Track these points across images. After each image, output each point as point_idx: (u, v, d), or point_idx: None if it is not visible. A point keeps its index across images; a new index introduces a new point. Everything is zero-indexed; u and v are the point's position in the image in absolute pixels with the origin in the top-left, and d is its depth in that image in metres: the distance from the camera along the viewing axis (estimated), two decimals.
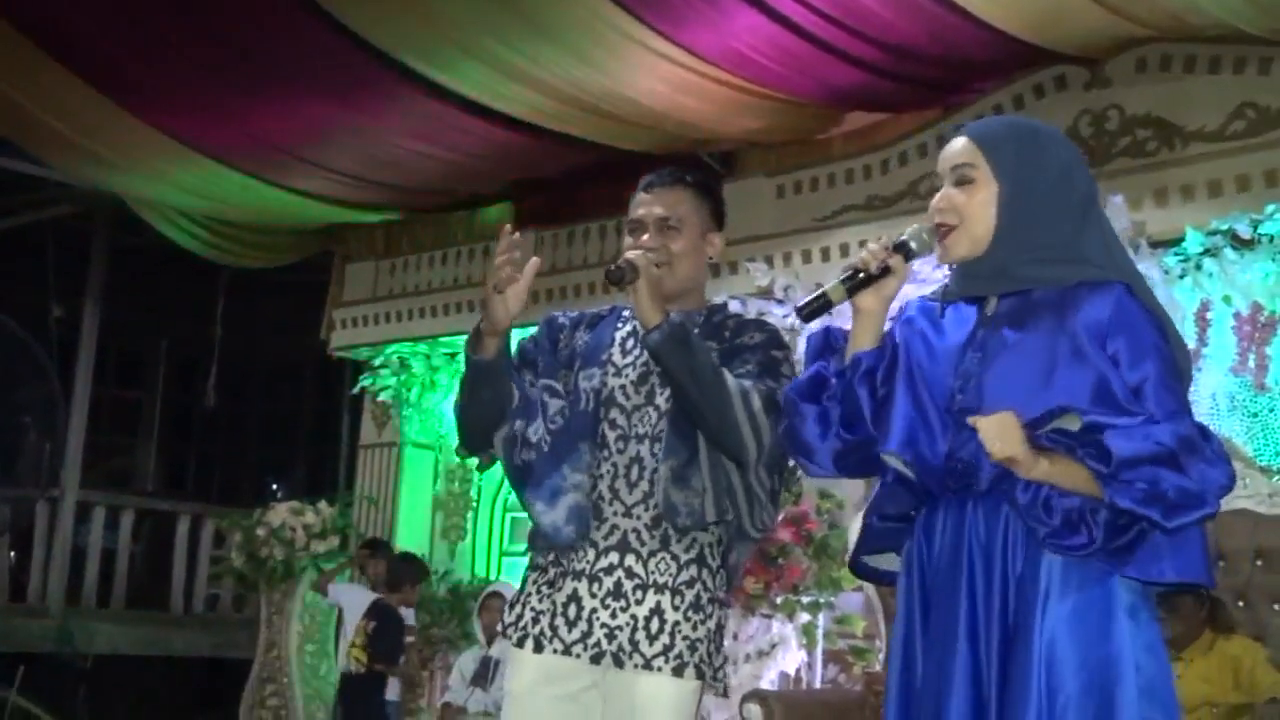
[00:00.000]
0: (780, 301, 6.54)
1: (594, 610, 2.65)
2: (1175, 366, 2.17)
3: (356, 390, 9.06)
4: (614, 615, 2.63)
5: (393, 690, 7.14)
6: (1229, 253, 5.33)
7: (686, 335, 2.59)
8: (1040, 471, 2.10)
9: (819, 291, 2.30)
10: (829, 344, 2.41)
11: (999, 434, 2.09)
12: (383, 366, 8.77)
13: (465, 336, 2.81)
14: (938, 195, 2.32)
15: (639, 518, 2.65)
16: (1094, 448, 2.08)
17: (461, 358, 2.80)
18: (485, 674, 6.12)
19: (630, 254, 2.68)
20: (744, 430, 2.56)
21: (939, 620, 2.19)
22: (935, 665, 2.17)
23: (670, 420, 2.66)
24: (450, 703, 6.40)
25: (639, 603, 2.63)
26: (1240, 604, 4.48)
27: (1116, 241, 2.33)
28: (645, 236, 2.78)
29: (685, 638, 2.62)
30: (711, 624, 2.66)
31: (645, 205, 2.82)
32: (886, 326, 2.39)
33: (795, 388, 2.40)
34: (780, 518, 5.28)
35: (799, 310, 2.31)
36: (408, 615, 7.09)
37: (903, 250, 2.31)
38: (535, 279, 2.76)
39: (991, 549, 2.16)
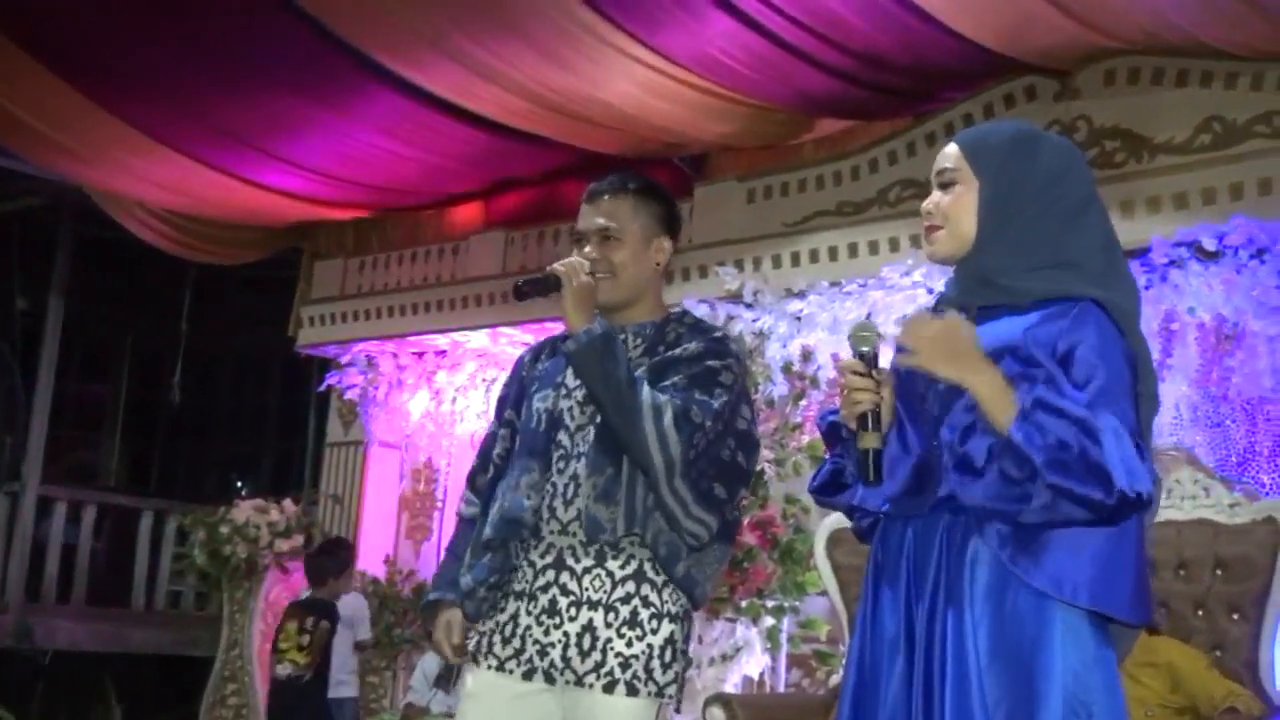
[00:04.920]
0: (749, 305, 6.56)
1: (528, 628, 2.67)
2: (1127, 383, 2.16)
3: (323, 388, 9.03)
4: (547, 632, 2.65)
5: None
6: (1194, 264, 5.37)
7: (607, 345, 2.59)
8: (987, 380, 2.15)
9: (864, 451, 2.27)
10: (837, 434, 2.42)
11: (922, 343, 2.19)
12: (350, 365, 8.74)
13: (433, 338, 2.89)
14: (927, 198, 2.38)
15: (574, 534, 2.66)
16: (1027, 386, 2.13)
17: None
18: (448, 676, 6.10)
19: (555, 264, 2.71)
20: (650, 444, 2.56)
21: (881, 628, 2.26)
22: (875, 665, 2.25)
23: (597, 437, 2.66)
24: (413, 703, 6.39)
25: (572, 620, 2.64)
26: (1199, 613, 4.52)
27: (1115, 248, 2.34)
28: (588, 249, 2.79)
29: (618, 654, 2.62)
30: (655, 639, 2.64)
31: (586, 217, 2.83)
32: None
33: (820, 490, 2.46)
34: (746, 521, 5.29)
35: (865, 479, 2.28)
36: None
37: (867, 361, 2.31)
38: (506, 279, 2.82)
39: (925, 564, 2.21)
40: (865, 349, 2.32)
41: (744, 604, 5.39)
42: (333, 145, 7.39)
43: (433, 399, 8.44)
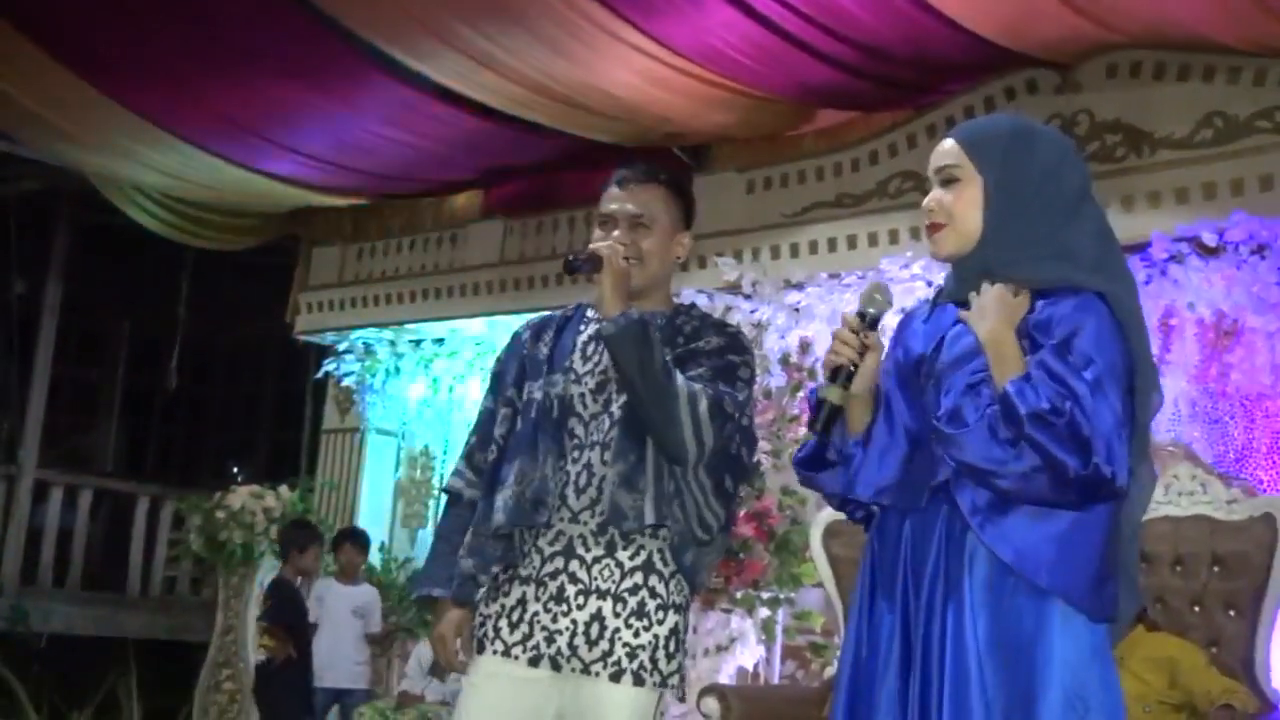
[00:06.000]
0: (748, 296, 6.55)
1: (536, 614, 2.66)
2: (1120, 376, 2.16)
3: (320, 375, 9.02)
4: (554, 619, 2.65)
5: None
6: (1194, 260, 5.37)
7: (644, 331, 2.59)
8: (1009, 342, 2.18)
9: (818, 403, 2.35)
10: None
11: (981, 310, 2.22)
12: (347, 352, 8.73)
13: (431, 326, 2.88)
14: (928, 196, 2.37)
15: (585, 523, 2.67)
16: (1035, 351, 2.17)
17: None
18: None
19: (596, 245, 2.70)
20: (685, 431, 2.57)
21: (878, 621, 2.27)
22: (871, 658, 2.26)
23: (622, 425, 2.67)
24: (408, 691, 6.38)
25: (580, 608, 2.64)
26: (1196, 609, 4.52)
27: (1111, 239, 2.34)
28: (616, 232, 2.78)
29: (625, 644, 2.62)
30: (661, 630, 2.65)
31: (617, 201, 2.82)
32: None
33: (801, 463, 2.47)
34: (742, 513, 5.29)
35: (812, 426, 2.36)
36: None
37: (866, 320, 2.37)
38: (504, 268, 2.81)
39: (923, 558, 2.22)
40: (870, 310, 2.37)
41: (739, 595, 5.39)
42: (332, 132, 7.37)
43: (430, 387, 8.44)
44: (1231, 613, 4.46)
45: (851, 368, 2.33)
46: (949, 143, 2.36)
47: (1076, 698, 2.08)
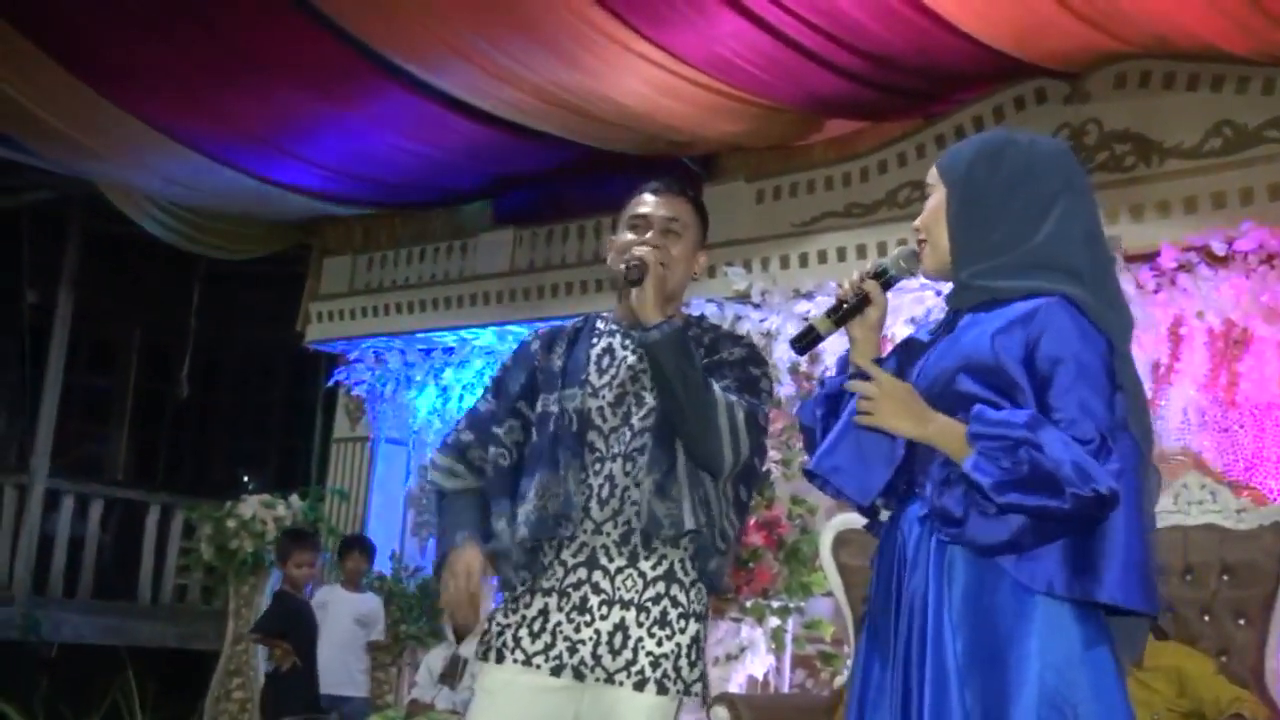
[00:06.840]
0: (757, 306, 6.56)
1: (558, 624, 2.67)
2: (1094, 375, 2.14)
3: (331, 384, 9.04)
4: (578, 629, 2.66)
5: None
6: (1203, 269, 5.37)
7: (684, 339, 2.62)
8: (938, 430, 2.19)
9: (807, 325, 2.43)
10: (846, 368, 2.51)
11: (876, 403, 2.22)
12: (357, 361, 8.75)
13: (441, 335, 2.88)
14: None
15: (608, 534, 2.68)
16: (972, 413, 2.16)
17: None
18: (453, 672, 6.10)
19: (640, 250, 2.71)
20: (724, 440, 2.60)
21: (883, 628, 2.28)
22: (868, 665, 2.29)
23: (654, 434, 2.68)
24: (418, 699, 6.38)
25: (603, 618, 2.66)
26: (1205, 618, 4.51)
27: (1097, 241, 2.33)
28: (650, 234, 2.80)
29: (649, 653, 2.64)
30: (683, 638, 2.67)
31: (653, 206, 2.86)
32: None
33: (801, 409, 2.53)
34: (752, 521, 5.29)
35: (793, 343, 2.47)
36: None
37: (881, 277, 2.40)
38: (514, 277, 2.82)
39: (913, 564, 2.22)
40: (889, 270, 2.42)
41: (749, 604, 5.39)
42: (343, 142, 7.39)
43: (440, 396, 8.45)
44: (1241, 621, 4.45)
45: (846, 309, 2.40)
46: (933, 166, 2.42)
47: (1064, 701, 2.06)
